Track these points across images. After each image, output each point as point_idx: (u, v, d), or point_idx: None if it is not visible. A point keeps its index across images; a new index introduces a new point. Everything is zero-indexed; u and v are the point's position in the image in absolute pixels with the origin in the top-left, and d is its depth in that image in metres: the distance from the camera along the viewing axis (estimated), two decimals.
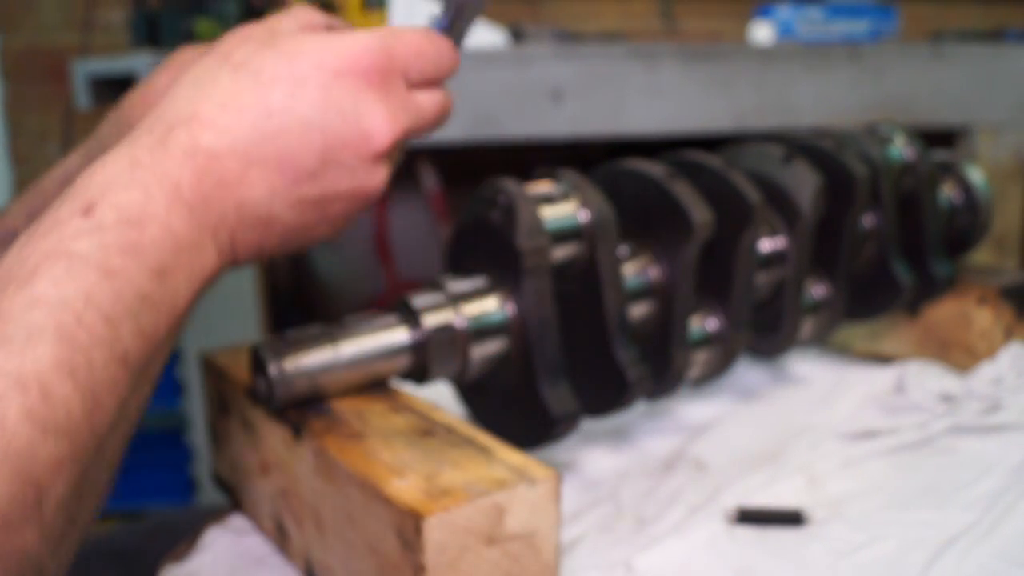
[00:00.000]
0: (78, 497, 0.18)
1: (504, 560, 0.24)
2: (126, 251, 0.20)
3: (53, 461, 0.17)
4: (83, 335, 0.18)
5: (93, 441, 0.18)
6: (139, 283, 0.20)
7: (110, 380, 0.18)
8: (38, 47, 1.21)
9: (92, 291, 0.19)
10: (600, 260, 0.32)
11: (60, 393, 0.17)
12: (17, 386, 0.17)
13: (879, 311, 0.43)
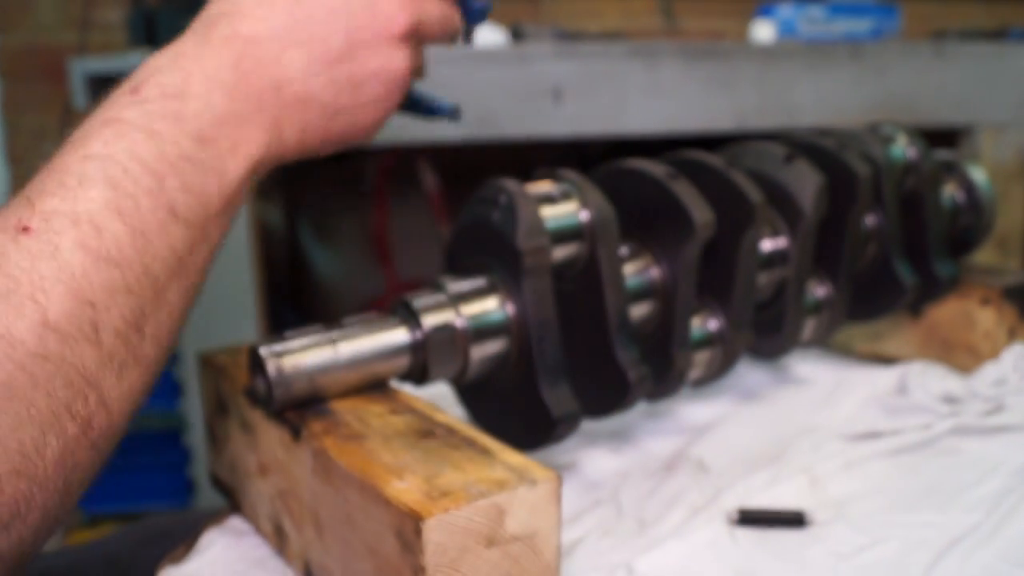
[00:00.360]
0: (138, 332, 0.20)
1: (504, 562, 0.24)
2: (168, 118, 0.22)
3: (106, 286, 0.19)
4: (129, 183, 0.20)
5: (147, 278, 0.20)
6: (181, 145, 0.22)
7: (158, 224, 0.21)
8: (35, 46, 1.21)
9: (137, 148, 0.21)
10: (601, 260, 0.32)
11: (110, 229, 0.20)
12: (71, 222, 0.19)
13: (881, 312, 0.43)
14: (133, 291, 0.20)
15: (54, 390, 0.17)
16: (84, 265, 0.19)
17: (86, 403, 0.18)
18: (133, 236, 0.20)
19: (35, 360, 0.17)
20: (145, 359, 0.20)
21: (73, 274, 0.19)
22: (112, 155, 0.21)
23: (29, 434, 0.17)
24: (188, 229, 0.22)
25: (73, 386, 0.18)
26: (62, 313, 0.18)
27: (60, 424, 0.17)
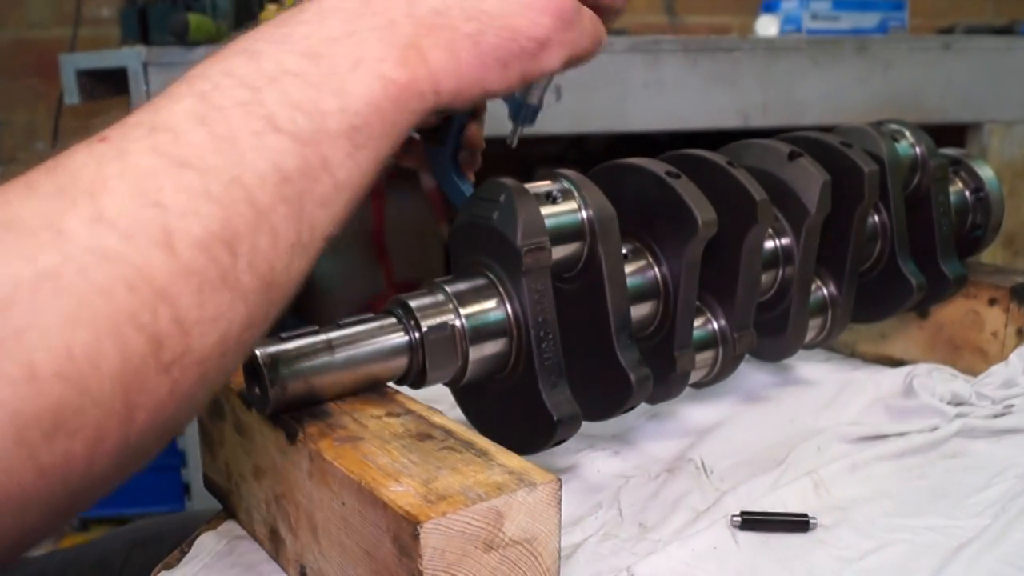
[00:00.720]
0: (228, 250, 0.17)
1: (503, 567, 0.23)
2: (271, 41, 0.20)
3: (181, 189, 0.17)
4: (217, 95, 0.19)
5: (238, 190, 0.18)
6: (284, 61, 0.20)
7: (251, 133, 0.18)
8: (27, 42, 1.21)
9: (231, 67, 0.19)
10: (601, 259, 0.31)
11: (190, 136, 0.18)
12: (148, 130, 0.18)
13: (887, 312, 0.42)
14: (218, 201, 0.17)
15: (113, 293, 0.15)
16: (154, 167, 0.17)
17: (155, 317, 0.16)
18: (218, 144, 0.18)
19: (86, 254, 0.15)
20: (239, 285, 0.18)
21: (139, 175, 0.17)
22: (205, 74, 0.19)
23: (80, 337, 0.15)
24: (296, 145, 0.19)
25: (137, 292, 0.16)
26: (121, 211, 0.16)
27: (120, 332, 0.15)
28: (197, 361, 0.17)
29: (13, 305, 0.14)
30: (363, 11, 0.21)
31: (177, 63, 0.70)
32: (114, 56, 0.71)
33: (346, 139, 0.20)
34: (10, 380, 0.14)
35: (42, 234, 0.15)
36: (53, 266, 0.15)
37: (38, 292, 0.15)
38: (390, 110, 0.21)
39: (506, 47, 0.23)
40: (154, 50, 0.70)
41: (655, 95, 0.81)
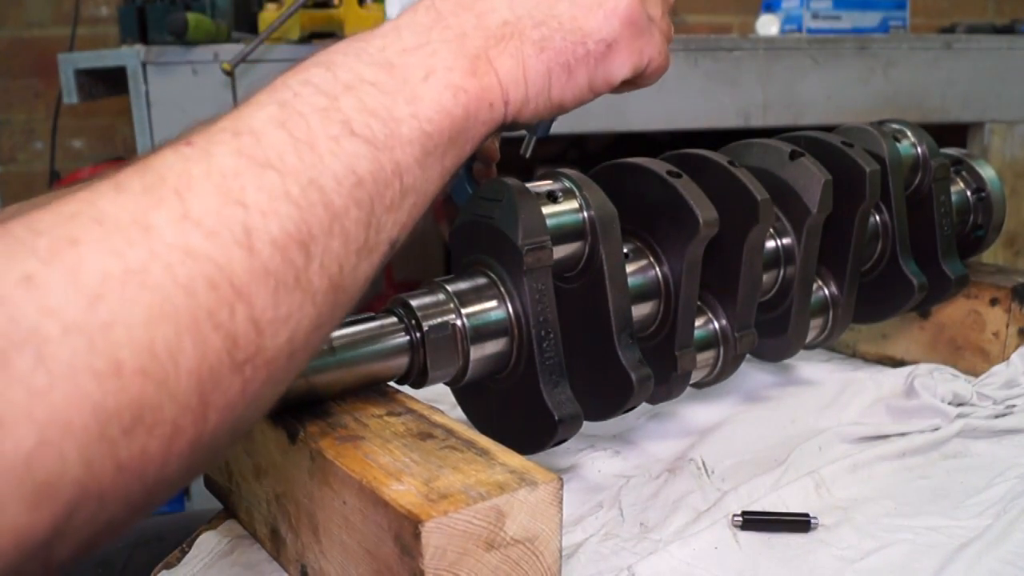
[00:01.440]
0: (302, 250, 0.18)
1: (504, 566, 0.23)
2: (348, 53, 0.21)
3: (262, 189, 0.17)
4: (297, 102, 0.19)
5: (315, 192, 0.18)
6: (360, 72, 0.21)
7: (329, 137, 0.19)
8: (26, 41, 1.21)
9: (310, 76, 0.20)
10: (602, 259, 0.31)
11: (271, 138, 0.18)
12: (231, 134, 0.18)
13: (889, 312, 0.42)
14: (296, 201, 0.18)
15: (195, 289, 0.16)
16: (237, 168, 0.17)
17: (232, 315, 0.16)
18: (297, 145, 0.18)
19: (173, 251, 0.16)
20: (310, 287, 0.18)
21: (224, 176, 0.17)
22: (285, 83, 0.20)
23: (162, 332, 0.15)
24: (370, 149, 0.20)
25: (217, 290, 0.16)
26: (206, 209, 0.16)
27: (199, 329, 0.16)
28: (268, 360, 0.17)
29: (102, 299, 0.14)
30: (435, 25, 0.22)
31: (176, 62, 0.70)
32: (113, 55, 0.71)
33: (418, 145, 0.21)
34: (95, 374, 0.14)
35: (131, 230, 0.16)
36: (141, 262, 0.15)
37: (126, 287, 0.15)
38: (460, 118, 0.22)
39: (572, 51, 0.23)
40: (153, 49, 0.70)
41: (656, 95, 0.81)
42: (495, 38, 0.23)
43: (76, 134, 1.24)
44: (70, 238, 0.15)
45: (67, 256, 0.15)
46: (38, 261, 0.14)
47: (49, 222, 0.15)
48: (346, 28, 0.74)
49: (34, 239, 0.15)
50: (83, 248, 0.15)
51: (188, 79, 0.69)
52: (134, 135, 0.71)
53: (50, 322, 0.14)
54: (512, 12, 0.23)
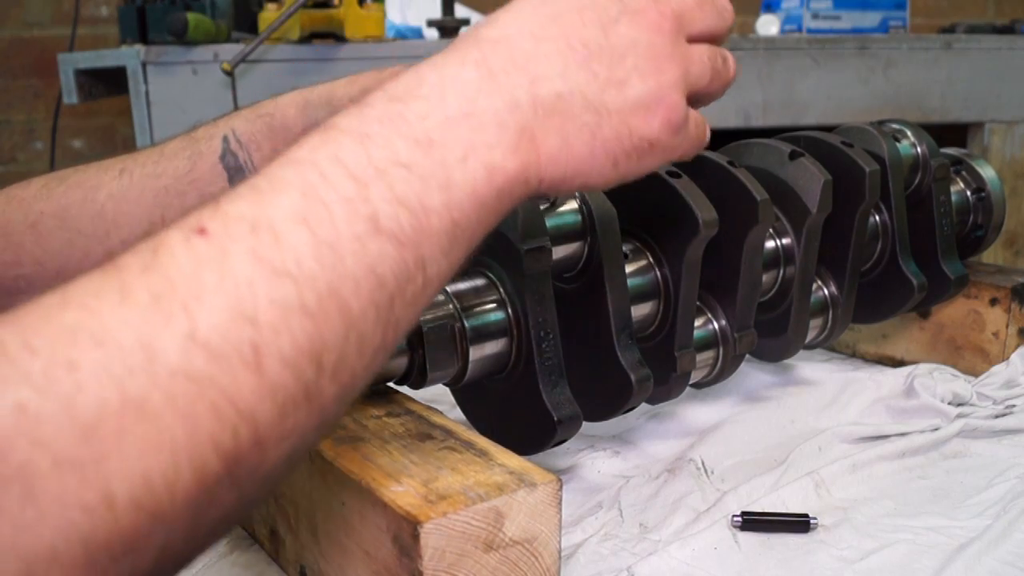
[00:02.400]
0: (314, 363, 0.17)
1: (503, 567, 0.23)
2: (384, 121, 0.19)
3: (276, 303, 0.16)
4: (325, 189, 0.18)
5: (333, 300, 0.17)
6: (396, 148, 0.19)
7: (354, 236, 0.17)
8: (26, 41, 1.21)
9: (341, 153, 0.18)
10: (602, 260, 0.31)
11: (291, 238, 0.17)
12: (249, 228, 0.17)
13: (888, 312, 0.42)
14: (312, 313, 0.16)
15: (196, 417, 0.15)
16: (251, 277, 0.16)
17: (235, 438, 0.15)
18: (318, 248, 0.17)
19: (176, 378, 0.15)
20: (320, 398, 0.17)
21: (236, 286, 0.16)
22: (314, 160, 0.18)
23: (159, 463, 0.14)
24: (396, 247, 0.18)
25: (220, 415, 0.15)
26: (214, 328, 0.15)
27: (199, 457, 0.15)
28: (267, 472, 0.17)
29: (97, 431, 0.14)
30: (484, 85, 0.20)
31: (176, 62, 0.70)
32: (113, 55, 0.71)
33: (445, 236, 0.19)
34: (86, 508, 0.14)
35: (133, 354, 0.15)
36: (141, 391, 0.14)
37: (124, 418, 0.14)
38: (493, 201, 0.20)
39: (619, 144, 0.22)
40: (153, 49, 0.70)
41: None
42: (545, 111, 0.21)
43: (76, 134, 1.24)
44: (68, 362, 0.14)
45: (64, 384, 0.14)
46: (32, 389, 0.14)
47: (47, 337, 0.14)
48: (346, 28, 0.74)
49: (29, 360, 0.14)
50: (81, 375, 0.14)
51: (188, 79, 0.69)
52: (134, 135, 0.71)
53: (41, 455, 0.13)
54: (566, 85, 0.21)
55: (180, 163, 0.35)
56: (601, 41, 0.22)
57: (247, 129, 0.35)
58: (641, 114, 0.23)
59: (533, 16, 0.22)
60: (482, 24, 0.22)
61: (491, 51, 0.21)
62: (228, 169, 0.35)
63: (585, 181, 0.22)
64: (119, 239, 0.35)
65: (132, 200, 0.35)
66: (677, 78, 0.23)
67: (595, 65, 0.22)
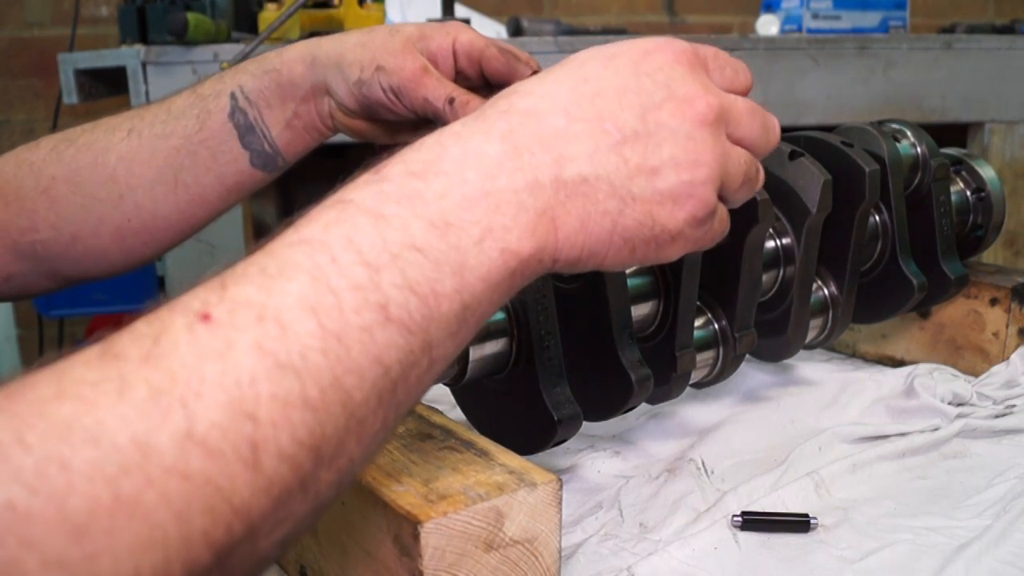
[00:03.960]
0: (312, 456, 0.16)
1: (504, 566, 0.23)
2: (403, 200, 0.18)
3: (278, 399, 0.16)
4: (335, 275, 0.17)
5: (336, 393, 0.16)
6: (411, 231, 0.18)
7: (362, 327, 0.17)
8: (26, 41, 1.21)
9: (356, 235, 0.18)
10: None
11: (298, 329, 0.16)
12: (256, 317, 0.16)
13: (888, 312, 0.42)
14: (314, 407, 0.16)
15: (189, 515, 0.14)
16: (255, 371, 0.15)
17: (228, 532, 0.15)
18: (325, 340, 0.16)
19: (170, 477, 0.14)
20: (316, 487, 0.16)
21: (239, 381, 0.15)
22: (326, 241, 0.17)
23: (149, 560, 0.14)
24: (403, 336, 0.17)
25: (214, 512, 0.15)
26: (213, 425, 0.15)
27: (191, 552, 0.15)
28: (259, 559, 0.16)
29: (88, 531, 0.14)
30: (507, 162, 0.20)
31: (176, 62, 0.70)
32: (113, 55, 0.71)
33: (454, 319, 0.19)
34: None
35: (128, 452, 0.14)
36: (134, 491, 0.14)
37: (116, 518, 0.14)
38: (505, 282, 0.19)
39: (639, 232, 0.21)
40: (153, 49, 0.70)
41: None
42: (567, 194, 0.20)
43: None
44: (61, 460, 0.14)
45: (55, 482, 0.14)
46: (23, 487, 0.13)
47: (40, 432, 0.14)
48: (346, 28, 0.74)
49: (21, 455, 0.14)
50: (74, 475, 0.14)
51: (188, 79, 0.69)
52: None
53: (30, 555, 0.13)
54: (592, 169, 0.20)
55: (189, 122, 0.34)
56: (637, 127, 0.21)
57: (255, 86, 0.34)
58: (668, 206, 0.21)
59: (571, 92, 0.21)
60: (518, 89, 0.21)
61: (520, 125, 0.20)
62: (238, 127, 0.34)
63: (600, 263, 0.22)
64: (133, 202, 0.35)
65: (143, 162, 0.34)
66: (713, 174, 0.22)
67: (627, 150, 0.21)
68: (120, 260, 0.37)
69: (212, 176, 0.35)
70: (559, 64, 0.22)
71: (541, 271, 0.21)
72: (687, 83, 0.22)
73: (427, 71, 0.33)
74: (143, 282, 0.81)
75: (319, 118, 0.35)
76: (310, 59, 0.34)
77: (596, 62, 0.22)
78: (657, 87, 0.22)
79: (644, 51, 0.22)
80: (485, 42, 0.34)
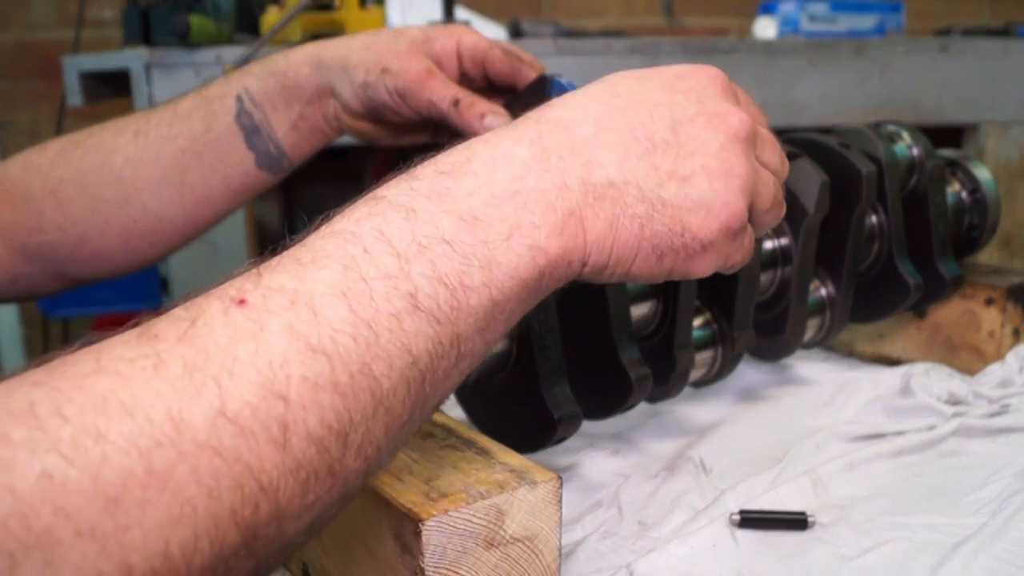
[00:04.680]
0: (340, 440, 0.16)
1: (504, 564, 0.24)
2: (432, 196, 0.19)
3: (309, 381, 0.16)
4: (366, 264, 0.18)
5: (365, 378, 0.17)
6: (441, 226, 0.19)
7: (391, 314, 0.17)
8: (30, 43, 1.21)
9: (387, 227, 0.18)
10: None
11: (329, 314, 0.17)
12: (288, 301, 0.17)
13: (885, 312, 0.42)
14: (343, 391, 0.16)
15: (219, 491, 0.15)
16: (287, 353, 0.16)
17: (256, 512, 0.15)
18: (355, 326, 0.17)
19: (202, 452, 0.15)
20: (344, 473, 0.17)
21: (271, 362, 0.16)
22: (357, 232, 0.18)
23: (179, 535, 0.14)
24: (432, 325, 0.18)
25: (243, 490, 0.15)
26: (245, 404, 0.15)
27: (219, 530, 0.15)
28: (286, 543, 0.17)
29: (120, 503, 0.14)
30: (535, 165, 0.20)
31: (179, 64, 0.70)
32: (117, 58, 0.72)
33: (483, 314, 0.19)
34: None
35: (163, 426, 0.15)
36: (167, 463, 0.14)
37: (148, 490, 0.14)
38: (533, 282, 0.20)
39: (668, 240, 0.21)
40: (156, 51, 0.70)
41: None
42: (595, 196, 0.20)
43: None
44: (97, 432, 0.14)
45: (91, 454, 0.14)
46: (59, 457, 0.14)
47: (78, 404, 0.14)
48: (347, 30, 0.74)
49: (59, 427, 0.14)
50: (109, 446, 0.14)
51: (191, 81, 0.69)
52: None
53: (64, 524, 0.13)
54: (621, 174, 0.21)
55: (195, 124, 0.35)
56: (668, 137, 0.21)
57: (260, 88, 0.34)
58: (701, 214, 0.21)
59: (602, 106, 0.22)
60: (550, 104, 0.22)
61: (548, 132, 0.21)
62: (244, 129, 0.35)
63: (627, 271, 0.22)
64: (139, 203, 0.35)
65: (149, 163, 0.35)
66: (745, 186, 0.22)
67: (656, 158, 0.21)
68: (126, 261, 0.37)
69: (218, 178, 0.36)
70: (592, 83, 0.23)
71: (571, 274, 0.21)
72: (719, 101, 0.23)
73: (432, 73, 0.33)
74: (147, 282, 0.81)
75: (324, 120, 0.36)
76: (315, 61, 0.34)
77: (629, 81, 0.23)
78: (690, 102, 0.22)
79: (677, 73, 0.23)
80: (489, 44, 0.34)
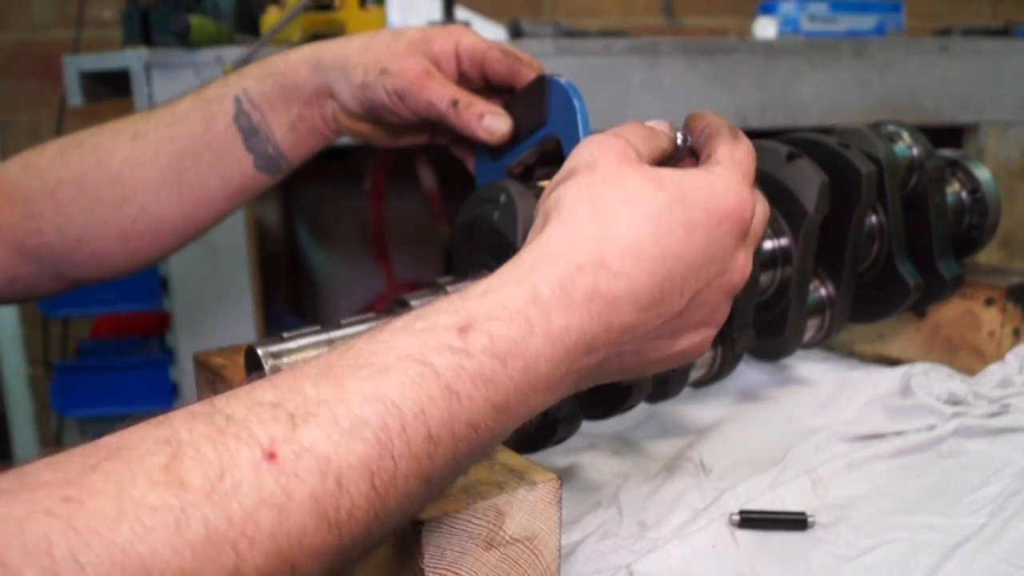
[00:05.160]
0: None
1: (504, 564, 0.24)
2: (478, 381, 0.20)
3: (318, 549, 0.17)
4: (401, 444, 0.18)
5: (364, 542, 0.18)
6: (477, 414, 0.20)
7: (405, 493, 0.18)
8: (30, 43, 1.21)
9: (429, 406, 0.19)
10: None
11: (354, 491, 0.18)
12: (318, 471, 0.17)
13: (885, 312, 0.42)
14: (344, 555, 0.18)
15: None
16: (306, 527, 0.17)
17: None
18: (372, 504, 0.18)
19: None
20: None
21: (289, 533, 0.17)
22: (400, 406, 0.18)
23: None
24: (430, 493, 0.20)
25: None
26: (257, 570, 0.16)
27: None
28: None
29: None
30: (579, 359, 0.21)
31: (179, 64, 0.70)
32: (117, 58, 0.71)
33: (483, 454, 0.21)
34: None
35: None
36: None
37: None
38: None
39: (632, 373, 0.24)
40: (156, 52, 0.70)
41: (654, 97, 0.82)
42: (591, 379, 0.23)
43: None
44: None
45: None
46: None
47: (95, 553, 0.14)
48: (347, 30, 0.74)
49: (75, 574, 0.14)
50: None
51: (191, 81, 0.69)
52: None
53: None
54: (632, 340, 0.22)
55: (193, 125, 0.35)
56: (682, 308, 0.23)
57: (259, 89, 0.34)
58: (676, 360, 0.24)
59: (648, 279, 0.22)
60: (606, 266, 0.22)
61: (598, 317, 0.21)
62: (242, 130, 0.34)
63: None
64: (137, 204, 0.35)
65: (147, 164, 0.35)
66: (718, 328, 0.25)
67: (664, 329, 0.23)
68: (125, 262, 0.37)
69: (216, 179, 0.36)
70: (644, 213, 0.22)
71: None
72: (738, 256, 0.24)
73: (430, 74, 0.33)
74: (147, 283, 0.82)
75: (323, 121, 0.36)
76: (314, 62, 0.34)
77: (678, 233, 0.22)
78: (715, 264, 0.23)
79: (719, 219, 0.23)
80: (487, 45, 0.35)
